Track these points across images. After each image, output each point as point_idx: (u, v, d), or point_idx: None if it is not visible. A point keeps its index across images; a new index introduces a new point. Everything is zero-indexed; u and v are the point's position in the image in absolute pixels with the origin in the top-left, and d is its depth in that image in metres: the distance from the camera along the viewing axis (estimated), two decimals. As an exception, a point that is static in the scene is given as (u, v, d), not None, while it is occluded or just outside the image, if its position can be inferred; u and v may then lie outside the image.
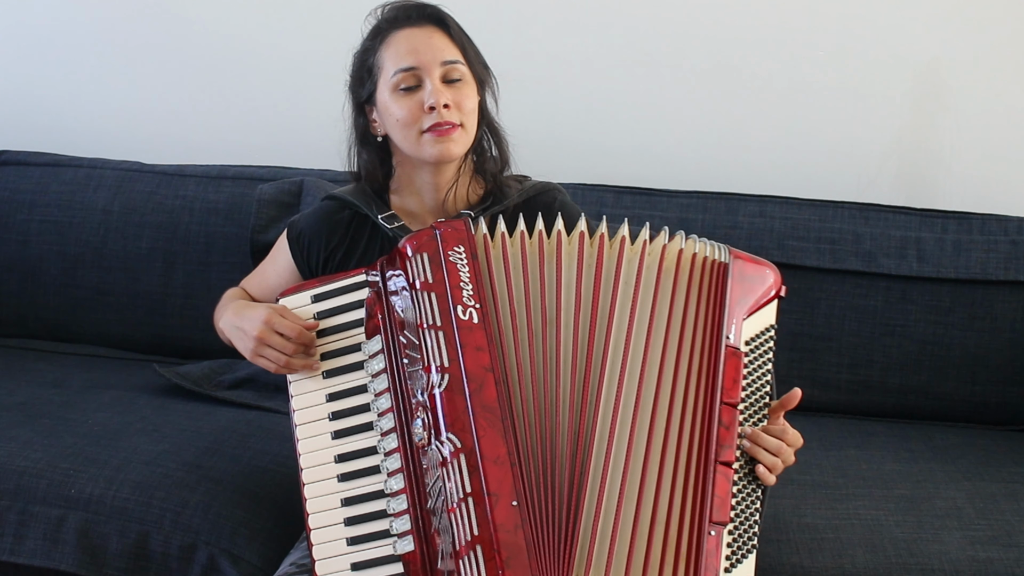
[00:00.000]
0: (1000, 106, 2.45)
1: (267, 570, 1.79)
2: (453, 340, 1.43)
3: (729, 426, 1.44)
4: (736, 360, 1.47)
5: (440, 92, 1.63)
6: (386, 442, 1.50)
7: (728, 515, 1.41)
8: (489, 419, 1.40)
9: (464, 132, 1.66)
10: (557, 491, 1.40)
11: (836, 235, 2.31)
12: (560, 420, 1.42)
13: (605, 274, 1.49)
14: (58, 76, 2.79)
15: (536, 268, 1.49)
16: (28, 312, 2.53)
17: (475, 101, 1.69)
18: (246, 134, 2.72)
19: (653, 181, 2.42)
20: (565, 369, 1.44)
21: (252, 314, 1.60)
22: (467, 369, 1.42)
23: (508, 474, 1.38)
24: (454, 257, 1.47)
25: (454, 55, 1.66)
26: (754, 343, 1.50)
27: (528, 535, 1.37)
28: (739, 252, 1.53)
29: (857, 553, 1.73)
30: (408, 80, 1.64)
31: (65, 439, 1.96)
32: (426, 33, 1.67)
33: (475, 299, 1.45)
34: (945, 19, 2.45)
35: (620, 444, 1.42)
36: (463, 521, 1.37)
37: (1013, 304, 2.26)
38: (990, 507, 1.86)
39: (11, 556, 1.83)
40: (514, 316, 1.46)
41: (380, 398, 1.51)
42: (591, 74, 2.57)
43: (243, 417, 2.13)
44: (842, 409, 2.31)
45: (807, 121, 2.51)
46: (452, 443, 1.40)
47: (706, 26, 2.52)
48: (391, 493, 1.48)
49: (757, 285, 1.52)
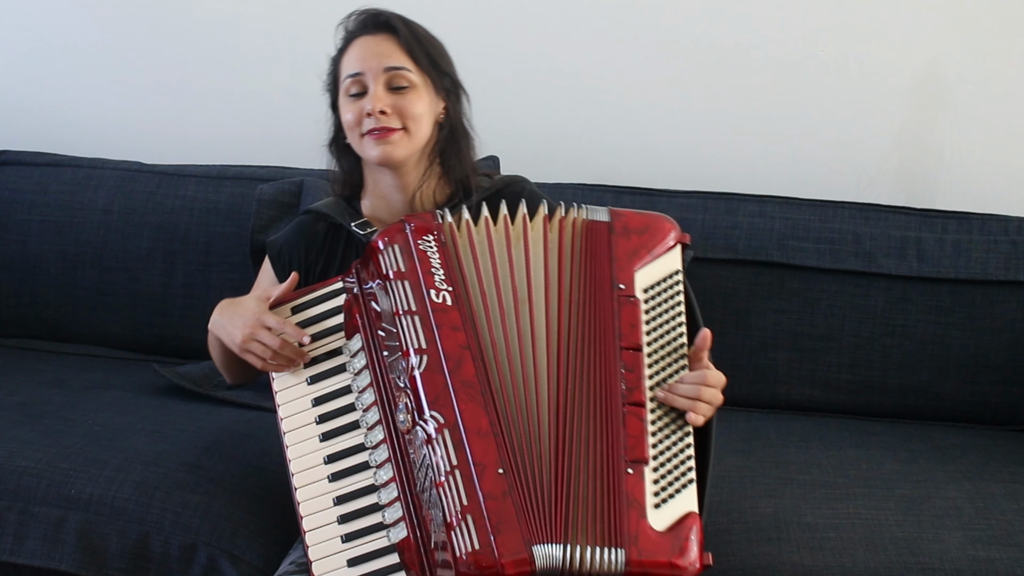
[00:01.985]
0: (1000, 106, 2.45)
1: (267, 570, 1.79)
2: (429, 322, 1.49)
3: (632, 368, 1.49)
4: (632, 307, 1.52)
5: (378, 99, 1.70)
6: (373, 435, 1.54)
7: (645, 453, 1.45)
8: (469, 393, 1.45)
9: (407, 136, 1.72)
10: (542, 457, 1.44)
11: (836, 235, 2.31)
12: (540, 391, 1.47)
13: (565, 254, 1.56)
14: (58, 76, 2.79)
15: (504, 251, 1.56)
16: (28, 312, 2.53)
17: (424, 106, 1.73)
18: (246, 134, 2.72)
19: (653, 181, 2.42)
20: (540, 343, 1.50)
21: (240, 310, 1.64)
22: (444, 348, 1.47)
23: (492, 444, 1.42)
24: (424, 245, 1.55)
25: (400, 62, 1.72)
26: (654, 290, 1.55)
27: (517, 500, 1.40)
28: (621, 210, 1.61)
29: (858, 552, 1.73)
30: (354, 86, 1.73)
31: (65, 439, 1.96)
32: (376, 41, 1.73)
33: (447, 283, 1.52)
34: (945, 19, 2.45)
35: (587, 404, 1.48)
36: (452, 493, 1.40)
37: (1013, 304, 2.26)
38: (990, 507, 1.86)
39: (11, 556, 1.82)
40: (485, 297, 1.52)
41: (364, 394, 1.56)
42: (591, 74, 2.57)
43: (243, 417, 2.13)
44: (842, 409, 2.31)
45: (807, 121, 2.52)
46: (435, 420, 1.44)
47: (706, 26, 2.52)
48: (381, 484, 1.52)
49: (647, 237, 1.58)
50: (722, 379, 1.55)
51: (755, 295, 2.31)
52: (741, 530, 1.78)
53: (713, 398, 1.52)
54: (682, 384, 1.50)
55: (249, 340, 1.60)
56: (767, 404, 2.32)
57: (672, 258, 1.58)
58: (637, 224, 1.58)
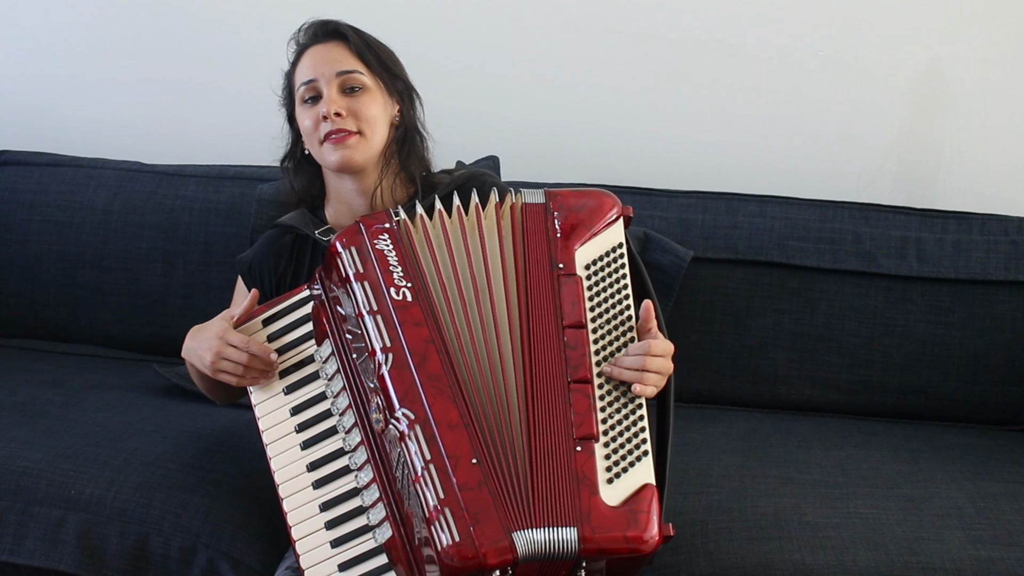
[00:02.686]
0: (1000, 106, 2.45)
1: (266, 573, 1.78)
2: (391, 320, 1.50)
3: (575, 346, 1.49)
4: (573, 285, 1.53)
5: (332, 101, 1.74)
6: (350, 438, 1.56)
7: (593, 429, 1.45)
8: (437, 387, 1.46)
9: (363, 139, 1.75)
10: (515, 445, 1.44)
11: (836, 235, 2.31)
12: (507, 378, 1.48)
13: (518, 239, 1.58)
14: (58, 76, 2.79)
15: (460, 242, 1.57)
16: (28, 312, 2.53)
17: (378, 108, 1.77)
18: (246, 134, 2.71)
19: (653, 181, 2.42)
20: (503, 331, 1.51)
21: (206, 334, 1.66)
22: (408, 344, 1.48)
23: (464, 435, 1.43)
24: (380, 244, 1.56)
25: (351, 65, 1.77)
26: (596, 265, 1.56)
27: (493, 489, 1.40)
28: (559, 190, 1.63)
29: (858, 551, 1.73)
30: (309, 92, 1.77)
31: (65, 439, 1.96)
32: (327, 48, 1.79)
33: (406, 279, 1.53)
34: (945, 19, 2.45)
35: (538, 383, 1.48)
36: (428, 488, 1.41)
37: (1013, 304, 2.26)
38: (991, 507, 1.86)
39: (11, 556, 1.82)
40: (445, 290, 1.53)
41: (338, 398, 1.58)
42: (591, 74, 2.57)
43: (243, 418, 2.12)
44: (842, 409, 2.31)
45: (807, 121, 2.52)
46: (406, 416, 1.45)
47: (706, 26, 2.52)
48: (363, 486, 1.53)
49: (585, 214, 1.59)
50: (670, 347, 1.55)
51: (755, 295, 2.31)
52: (741, 529, 1.78)
53: (661, 367, 1.52)
54: (627, 357, 1.50)
55: (218, 360, 1.62)
56: (767, 404, 2.32)
57: (614, 232, 1.59)
58: (574, 202, 1.60)
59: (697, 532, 1.76)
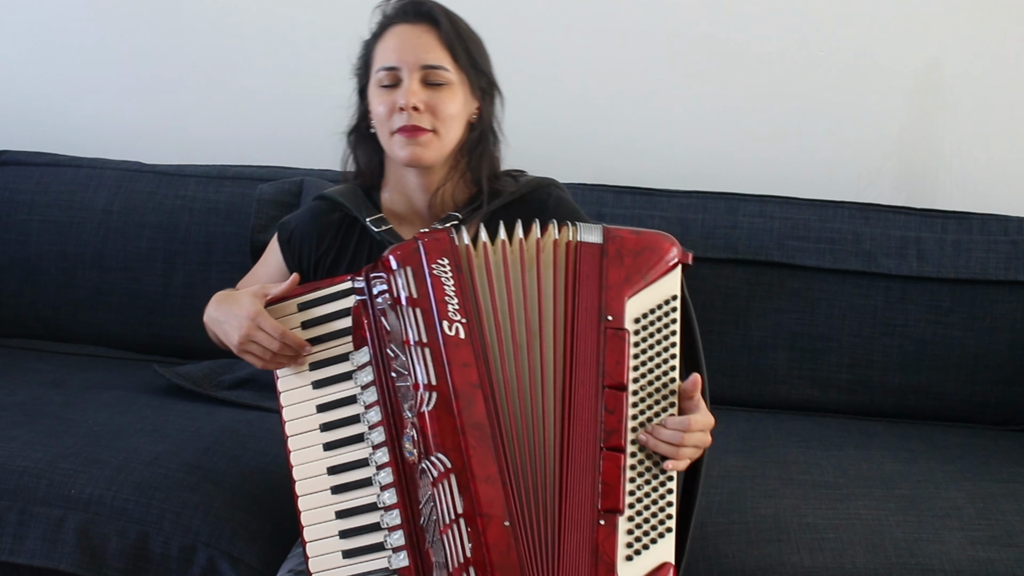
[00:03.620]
0: (1000, 106, 2.45)
1: (266, 573, 1.78)
2: (440, 357, 1.41)
3: (614, 410, 1.41)
4: (618, 341, 1.42)
5: (412, 93, 1.60)
6: (378, 455, 1.49)
7: (620, 503, 1.38)
8: (479, 437, 1.39)
9: (437, 138, 1.63)
10: (546, 508, 1.39)
11: (836, 235, 2.31)
12: (547, 434, 1.41)
13: (560, 278, 1.47)
14: (58, 76, 2.79)
15: (518, 277, 1.47)
16: (28, 312, 2.53)
17: (458, 106, 1.64)
18: (246, 134, 2.72)
19: (653, 181, 2.42)
20: (548, 382, 1.43)
21: (236, 310, 1.57)
22: (455, 386, 1.40)
23: (499, 493, 1.38)
24: (438, 270, 1.45)
25: (438, 60, 1.62)
26: (647, 319, 1.45)
27: (522, 554, 1.37)
28: (617, 229, 1.49)
29: (858, 553, 1.73)
30: (388, 78, 1.63)
31: (65, 439, 1.96)
32: (416, 32, 1.63)
33: (460, 313, 1.43)
34: (945, 19, 2.45)
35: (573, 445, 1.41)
36: (456, 542, 1.37)
37: (1013, 304, 2.26)
38: (990, 507, 1.86)
39: (11, 556, 1.82)
40: (499, 329, 1.44)
41: (370, 411, 1.51)
42: (591, 74, 2.57)
43: (243, 417, 2.13)
44: (842, 409, 2.31)
45: (807, 121, 2.51)
46: (442, 463, 1.39)
47: (706, 26, 2.52)
48: (385, 507, 1.48)
49: (643, 260, 1.46)
50: (710, 422, 1.47)
51: (755, 295, 2.30)
52: (741, 530, 1.77)
53: (700, 442, 1.45)
54: (665, 429, 1.42)
55: (246, 342, 1.54)
56: (767, 404, 2.32)
57: (670, 281, 1.47)
58: (632, 245, 1.47)
59: (696, 535, 1.75)
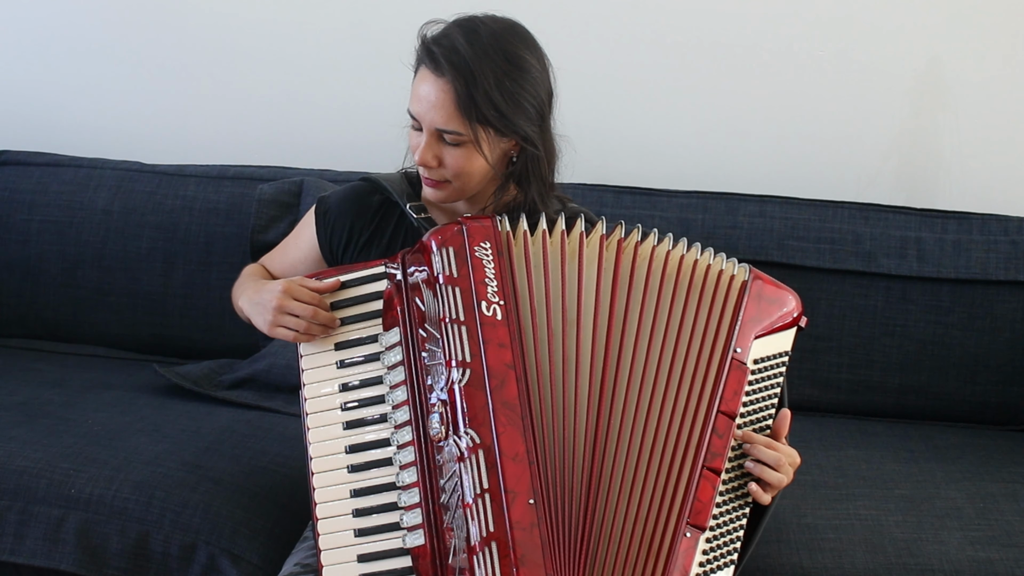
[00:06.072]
0: (1000, 106, 2.45)
1: (267, 569, 1.79)
2: (476, 335, 1.43)
3: (723, 435, 1.45)
4: (740, 374, 1.48)
5: (427, 149, 1.58)
6: (400, 435, 1.49)
7: (707, 521, 1.42)
8: (509, 416, 1.40)
9: (452, 187, 1.62)
10: (573, 491, 1.40)
11: (836, 235, 2.31)
12: (578, 421, 1.43)
13: (622, 278, 1.50)
14: (58, 76, 2.79)
15: (558, 268, 1.49)
16: (28, 312, 2.53)
17: (477, 161, 1.59)
18: (246, 134, 2.72)
19: (653, 181, 2.42)
20: (584, 370, 1.45)
21: (271, 286, 1.59)
22: (489, 365, 1.42)
23: (526, 472, 1.38)
24: (480, 253, 1.48)
25: (452, 125, 1.56)
26: (763, 363, 1.51)
27: (544, 534, 1.36)
28: (761, 273, 1.56)
29: (857, 553, 1.73)
30: (413, 122, 1.61)
31: (65, 439, 1.96)
32: (435, 89, 1.57)
33: (499, 295, 1.45)
34: (945, 19, 2.45)
35: (633, 446, 1.43)
36: (479, 517, 1.37)
37: (1013, 304, 2.26)
38: (990, 507, 1.86)
39: (11, 556, 1.83)
40: (535, 315, 1.46)
41: (396, 391, 1.51)
42: (591, 74, 2.57)
43: (243, 417, 2.13)
44: (842, 409, 2.31)
45: (807, 121, 2.52)
46: (471, 438, 1.39)
47: (706, 26, 2.52)
48: (403, 486, 1.48)
49: (775, 308, 1.54)
50: (797, 461, 1.52)
51: (755, 295, 2.31)
52: (741, 530, 1.77)
53: (789, 475, 1.49)
54: (768, 449, 1.47)
55: (281, 314, 1.55)
56: (767, 404, 2.32)
57: (787, 337, 1.55)
58: (770, 293, 1.55)
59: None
